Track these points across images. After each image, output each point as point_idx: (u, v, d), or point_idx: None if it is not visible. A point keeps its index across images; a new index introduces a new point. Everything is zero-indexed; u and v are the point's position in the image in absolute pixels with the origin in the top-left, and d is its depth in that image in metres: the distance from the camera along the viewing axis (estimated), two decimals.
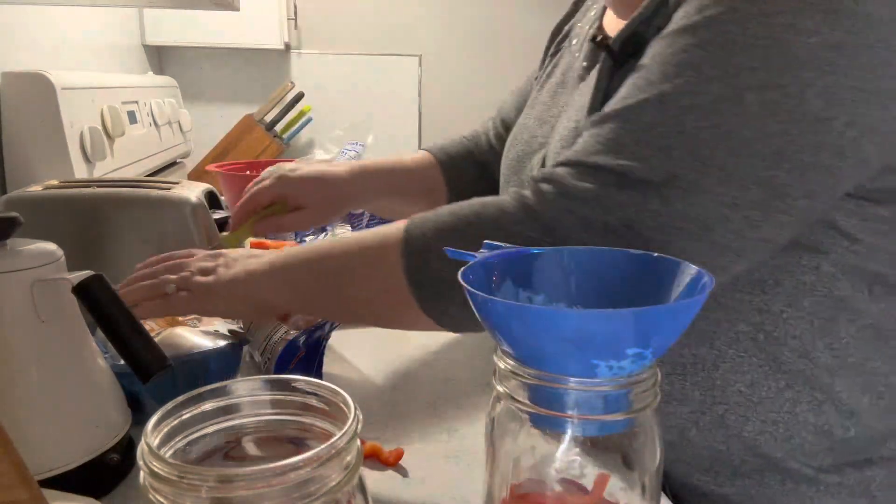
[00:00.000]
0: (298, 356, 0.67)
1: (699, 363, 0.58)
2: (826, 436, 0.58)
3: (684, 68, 0.49)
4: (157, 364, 0.49)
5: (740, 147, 0.48)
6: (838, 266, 0.56)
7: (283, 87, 1.84)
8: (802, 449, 0.58)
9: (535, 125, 0.76)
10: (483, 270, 0.40)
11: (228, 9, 1.03)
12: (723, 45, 0.48)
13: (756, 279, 0.56)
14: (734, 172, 0.48)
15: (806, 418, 0.57)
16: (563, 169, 0.53)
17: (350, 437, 0.30)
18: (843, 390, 0.57)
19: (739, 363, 0.57)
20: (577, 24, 0.80)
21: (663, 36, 0.52)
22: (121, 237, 0.74)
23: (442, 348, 0.81)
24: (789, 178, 0.48)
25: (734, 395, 0.58)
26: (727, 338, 0.57)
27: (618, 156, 0.50)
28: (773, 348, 0.57)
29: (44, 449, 0.47)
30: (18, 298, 0.47)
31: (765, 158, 0.48)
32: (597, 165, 0.51)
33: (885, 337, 0.57)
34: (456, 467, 0.56)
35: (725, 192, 0.48)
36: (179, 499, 0.28)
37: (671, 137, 0.49)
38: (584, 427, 0.35)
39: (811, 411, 0.57)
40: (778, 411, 0.58)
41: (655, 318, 0.33)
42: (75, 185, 0.80)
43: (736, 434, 0.59)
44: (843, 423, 0.57)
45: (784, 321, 0.56)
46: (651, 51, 0.53)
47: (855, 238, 0.55)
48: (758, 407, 0.58)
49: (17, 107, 1.00)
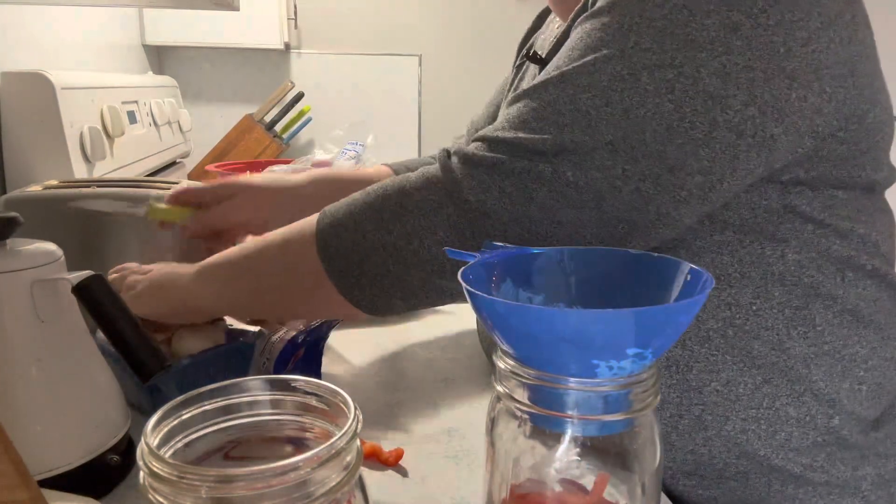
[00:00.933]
0: (297, 356, 0.67)
1: (672, 365, 0.58)
2: (810, 427, 0.57)
3: (586, 50, 0.52)
4: (157, 364, 0.49)
5: (633, 123, 0.49)
6: (804, 253, 0.56)
7: (283, 87, 1.84)
8: (788, 444, 0.58)
9: None
10: (483, 270, 0.40)
11: (228, 9, 1.03)
12: (621, 26, 0.51)
13: (721, 274, 0.56)
14: (623, 146, 0.50)
15: (787, 412, 0.57)
16: (472, 145, 0.55)
17: (350, 437, 0.30)
18: (820, 379, 0.57)
19: (713, 362, 0.57)
20: (541, 36, 0.82)
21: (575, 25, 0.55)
22: (121, 237, 0.74)
23: (442, 348, 0.81)
24: (681, 153, 0.50)
25: (711, 395, 0.58)
26: (698, 337, 0.57)
27: (518, 130, 0.53)
28: (744, 343, 0.56)
29: (44, 449, 0.47)
30: (18, 298, 0.47)
31: (657, 134, 0.49)
32: (499, 139, 0.53)
33: (865, 321, 0.57)
34: (456, 467, 0.56)
35: (614, 165, 0.50)
36: (179, 499, 0.28)
37: (566, 114, 0.51)
38: (584, 427, 0.35)
39: (791, 404, 0.57)
40: (757, 407, 0.57)
41: (655, 318, 0.33)
42: (75, 185, 0.80)
43: (716, 434, 0.58)
44: (825, 411, 0.57)
45: (755, 313, 0.56)
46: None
47: (822, 223, 0.56)
48: (736, 405, 0.57)
49: (17, 107, 1.00)
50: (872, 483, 0.59)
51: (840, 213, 0.57)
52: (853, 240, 0.58)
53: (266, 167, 1.11)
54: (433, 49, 2.07)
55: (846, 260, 0.57)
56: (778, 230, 0.56)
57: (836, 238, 0.57)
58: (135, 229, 0.76)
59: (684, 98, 0.49)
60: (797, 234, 0.56)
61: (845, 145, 0.55)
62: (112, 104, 1.20)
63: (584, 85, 0.51)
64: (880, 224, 0.60)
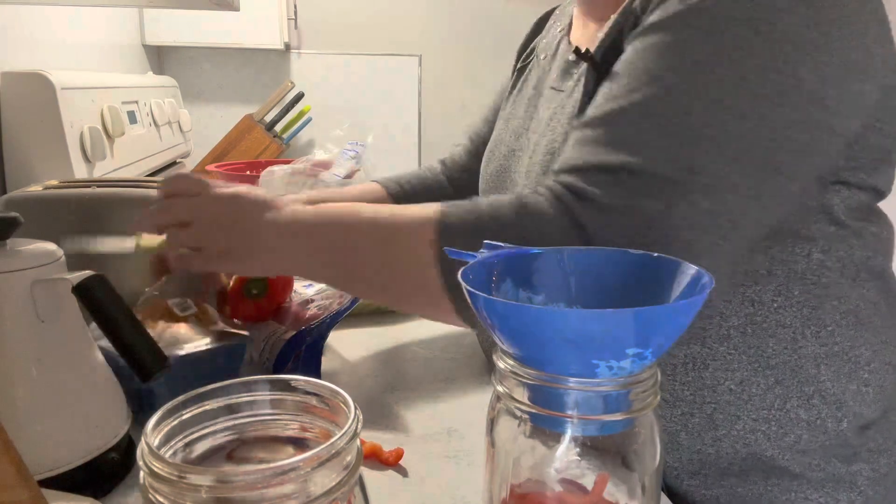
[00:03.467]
0: (297, 355, 0.67)
1: (690, 363, 0.58)
2: (820, 430, 0.58)
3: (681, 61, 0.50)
4: (158, 363, 0.49)
5: (750, 134, 0.48)
6: (827, 253, 0.56)
7: (283, 87, 1.84)
8: (797, 446, 0.58)
9: (511, 139, 0.77)
10: (483, 270, 0.40)
11: (228, 9, 1.03)
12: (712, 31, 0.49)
13: (749, 270, 0.56)
14: (750, 162, 0.48)
15: (797, 414, 0.58)
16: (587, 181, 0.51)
17: (350, 437, 0.30)
18: (828, 380, 0.57)
19: (729, 360, 0.57)
20: (543, 40, 0.81)
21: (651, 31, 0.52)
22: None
23: (442, 348, 0.81)
24: (792, 160, 0.49)
25: (724, 394, 0.58)
26: (718, 335, 0.57)
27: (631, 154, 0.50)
28: (760, 341, 0.57)
29: (44, 449, 0.47)
30: (18, 298, 0.47)
31: (772, 142, 0.48)
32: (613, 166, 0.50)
33: (864, 323, 0.58)
34: (456, 467, 0.56)
35: (748, 185, 0.48)
36: (179, 499, 0.28)
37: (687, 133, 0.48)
38: (584, 427, 0.35)
39: (801, 407, 0.57)
40: (769, 409, 0.58)
41: (655, 318, 0.33)
42: (75, 185, 0.80)
43: (726, 434, 0.59)
44: (833, 413, 0.58)
45: (775, 311, 0.56)
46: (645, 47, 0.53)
47: (843, 223, 0.56)
48: (748, 405, 0.58)
49: (17, 107, 1.00)
50: (868, 478, 0.59)
51: (857, 214, 0.57)
52: (869, 240, 0.58)
53: (266, 167, 1.11)
54: (433, 49, 2.07)
55: (864, 261, 0.57)
56: (809, 229, 0.56)
57: (855, 239, 0.57)
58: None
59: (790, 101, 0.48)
60: (824, 234, 0.56)
61: (888, 139, 0.56)
62: (112, 104, 1.20)
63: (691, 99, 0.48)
64: (885, 225, 0.61)
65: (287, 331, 0.68)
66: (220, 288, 0.74)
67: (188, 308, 0.66)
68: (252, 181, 1.02)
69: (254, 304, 0.75)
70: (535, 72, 0.78)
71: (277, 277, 0.76)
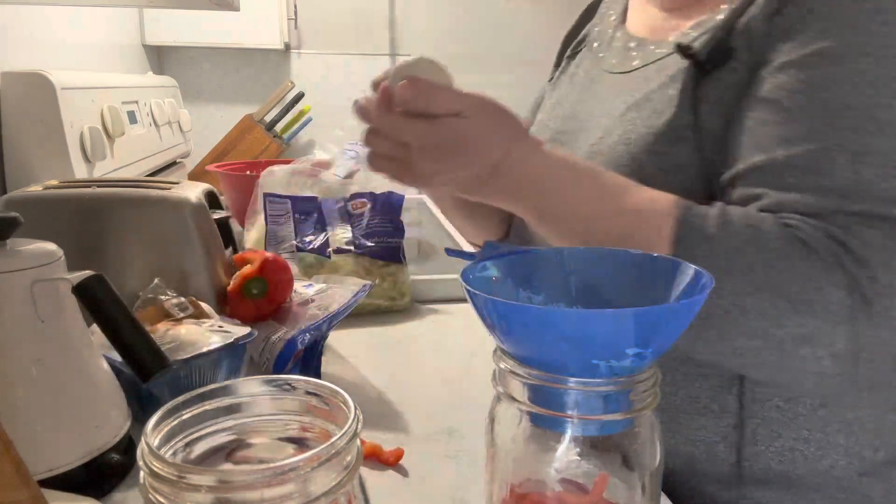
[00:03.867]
0: (297, 355, 0.67)
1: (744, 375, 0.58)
2: (856, 458, 0.57)
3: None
4: (158, 363, 0.49)
5: None
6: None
7: (283, 87, 1.84)
8: (832, 472, 0.58)
9: (557, 123, 0.76)
10: (483, 270, 0.40)
11: (228, 9, 1.03)
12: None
13: None
14: None
15: (836, 440, 0.57)
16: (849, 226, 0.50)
17: (350, 437, 0.30)
18: (870, 407, 0.57)
19: None
20: (596, 28, 0.81)
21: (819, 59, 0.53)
22: (121, 237, 0.74)
23: (442, 348, 0.81)
24: None
25: (771, 410, 0.58)
26: None
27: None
28: None
29: (44, 449, 0.47)
30: (18, 298, 0.47)
31: None
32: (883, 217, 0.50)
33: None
34: (456, 467, 0.56)
35: None
36: (179, 499, 0.28)
37: None
38: (584, 427, 0.35)
39: (841, 432, 0.57)
40: (810, 429, 0.57)
41: (655, 318, 0.33)
42: (75, 185, 0.80)
43: (764, 450, 0.58)
44: (871, 442, 0.57)
45: None
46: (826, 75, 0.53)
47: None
48: (792, 423, 0.57)
49: (17, 107, 1.00)
50: (883, 495, 0.59)
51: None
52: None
53: (266, 167, 1.11)
54: (433, 49, 2.07)
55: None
56: None
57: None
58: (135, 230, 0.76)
59: None
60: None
61: None
62: (112, 104, 1.20)
63: None
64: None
65: (287, 331, 0.68)
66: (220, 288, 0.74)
67: (185, 309, 0.66)
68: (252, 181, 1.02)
69: (254, 304, 0.75)
70: (588, 58, 0.78)
71: (277, 278, 0.76)
